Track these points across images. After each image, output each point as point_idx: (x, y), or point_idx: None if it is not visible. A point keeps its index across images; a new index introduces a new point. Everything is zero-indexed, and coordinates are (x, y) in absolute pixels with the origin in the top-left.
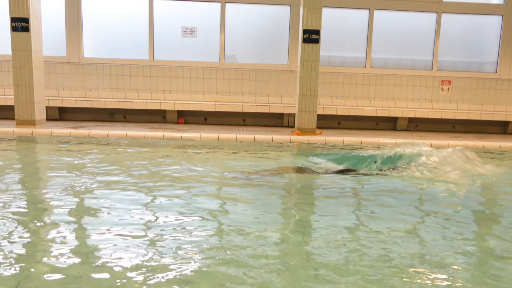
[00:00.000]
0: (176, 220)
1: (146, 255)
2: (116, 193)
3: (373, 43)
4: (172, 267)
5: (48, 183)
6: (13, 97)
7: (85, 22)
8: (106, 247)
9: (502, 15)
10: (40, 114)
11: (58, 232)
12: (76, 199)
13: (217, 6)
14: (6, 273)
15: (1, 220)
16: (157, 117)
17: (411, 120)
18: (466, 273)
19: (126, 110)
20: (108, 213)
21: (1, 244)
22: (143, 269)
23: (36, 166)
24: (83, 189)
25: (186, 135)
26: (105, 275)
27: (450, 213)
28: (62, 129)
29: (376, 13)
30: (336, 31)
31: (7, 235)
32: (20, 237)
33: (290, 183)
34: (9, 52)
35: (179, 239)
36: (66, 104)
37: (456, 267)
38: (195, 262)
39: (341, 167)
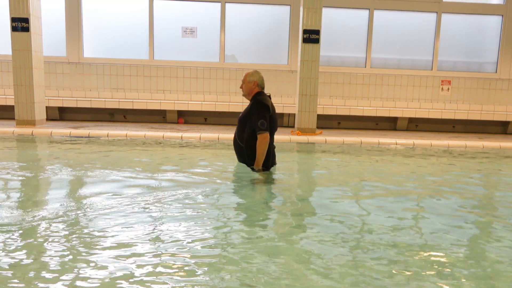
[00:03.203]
0: (174, 219)
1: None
2: (116, 192)
3: (373, 43)
4: (171, 266)
5: (47, 183)
6: (13, 97)
7: (85, 22)
8: (106, 244)
9: (502, 15)
10: (40, 114)
11: (56, 232)
12: (76, 199)
13: (217, 6)
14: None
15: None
16: (157, 117)
17: (411, 120)
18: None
19: (126, 110)
20: (107, 212)
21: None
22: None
23: (35, 166)
24: (83, 189)
25: (186, 135)
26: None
27: None
28: (62, 129)
29: (376, 13)
30: (336, 31)
31: (6, 236)
32: (20, 237)
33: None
34: (9, 52)
35: (177, 238)
36: (66, 104)
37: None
38: (194, 261)
39: None
